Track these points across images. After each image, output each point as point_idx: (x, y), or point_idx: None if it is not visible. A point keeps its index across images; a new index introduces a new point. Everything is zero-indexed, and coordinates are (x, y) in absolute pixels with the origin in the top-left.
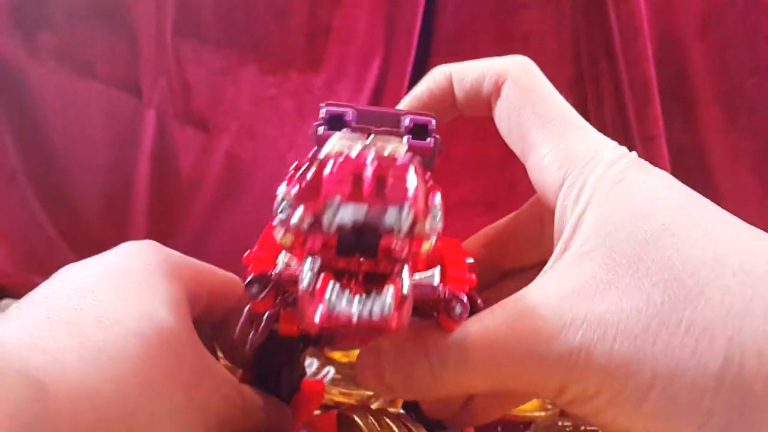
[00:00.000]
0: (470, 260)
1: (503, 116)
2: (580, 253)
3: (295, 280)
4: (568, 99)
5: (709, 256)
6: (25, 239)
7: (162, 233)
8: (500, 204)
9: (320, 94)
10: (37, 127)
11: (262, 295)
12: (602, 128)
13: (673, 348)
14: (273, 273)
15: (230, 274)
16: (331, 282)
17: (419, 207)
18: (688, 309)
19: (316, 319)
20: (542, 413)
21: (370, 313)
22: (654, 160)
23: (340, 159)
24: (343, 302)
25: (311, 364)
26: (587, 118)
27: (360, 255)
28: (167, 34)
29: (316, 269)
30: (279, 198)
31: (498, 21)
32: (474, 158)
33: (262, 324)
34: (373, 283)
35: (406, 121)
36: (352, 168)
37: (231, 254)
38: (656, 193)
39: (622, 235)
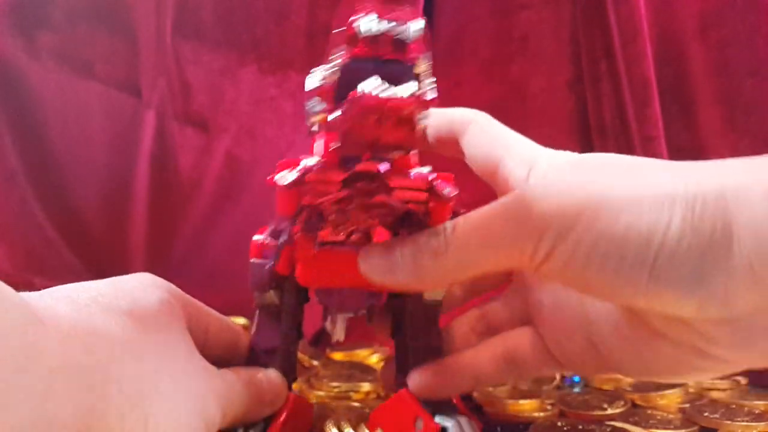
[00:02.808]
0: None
1: (472, 145)
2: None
3: (320, 168)
4: (568, 99)
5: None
6: (24, 239)
7: (161, 233)
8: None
9: None
10: (36, 127)
11: (290, 180)
12: (602, 128)
13: (629, 193)
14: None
15: (223, 316)
16: (367, 80)
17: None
18: (635, 173)
19: (357, 95)
20: (542, 413)
21: (397, 93)
22: None
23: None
24: (375, 89)
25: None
26: (587, 118)
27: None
28: (167, 34)
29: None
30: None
31: (497, 21)
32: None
33: (286, 235)
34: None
35: None
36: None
37: (230, 254)
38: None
39: (578, 165)
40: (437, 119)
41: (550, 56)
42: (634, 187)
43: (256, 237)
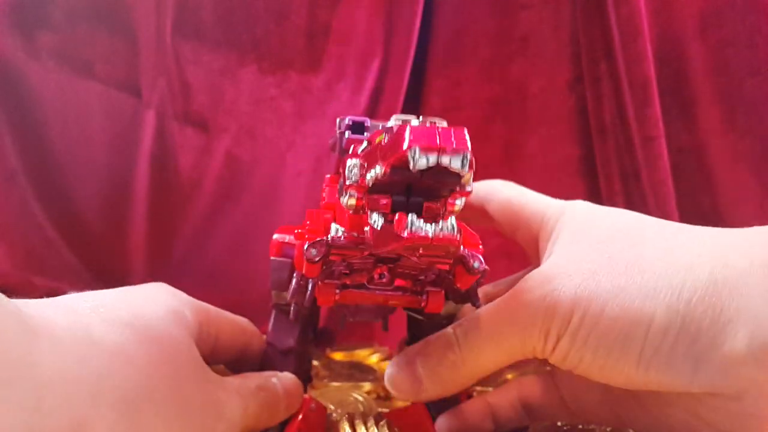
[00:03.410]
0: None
1: (498, 211)
2: (556, 252)
3: (345, 245)
4: (568, 99)
5: (636, 222)
6: (24, 239)
7: (162, 234)
8: None
9: (319, 94)
10: (36, 127)
11: (318, 257)
12: (602, 128)
13: (615, 285)
14: (329, 238)
15: (240, 318)
16: (410, 214)
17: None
18: (628, 256)
19: (404, 234)
20: None
21: (442, 231)
22: (654, 160)
23: (411, 123)
24: (422, 224)
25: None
26: (587, 118)
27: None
28: (167, 34)
29: (380, 219)
30: (350, 164)
31: (497, 21)
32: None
33: (309, 290)
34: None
35: None
36: (423, 127)
37: (231, 254)
38: (604, 212)
39: (582, 237)
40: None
41: (550, 56)
42: (621, 278)
43: (277, 236)
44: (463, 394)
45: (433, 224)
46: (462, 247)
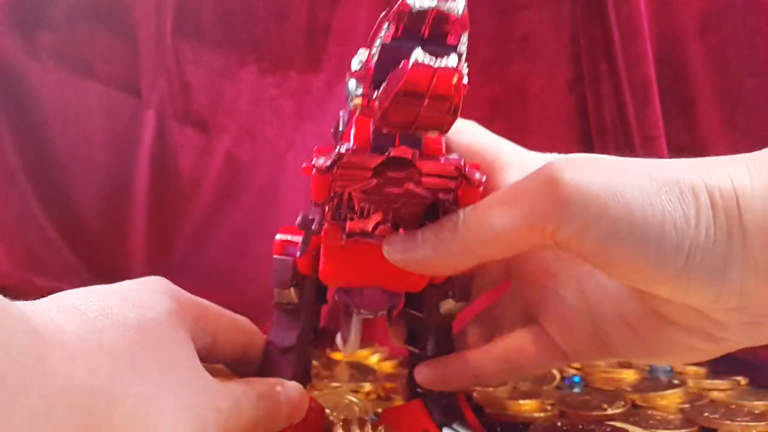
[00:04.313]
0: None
1: (465, 152)
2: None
3: (353, 154)
4: (568, 99)
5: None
6: (24, 239)
7: (161, 233)
8: None
9: (319, 94)
10: (36, 127)
11: (329, 163)
12: (602, 128)
13: (638, 176)
14: (337, 150)
15: (240, 317)
16: (417, 48)
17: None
18: (635, 167)
19: (410, 64)
20: (542, 414)
21: (447, 63)
22: None
23: None
24: (427, 58)
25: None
26: (587, 118)
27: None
28: (167, 34)
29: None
30: (355, 58)
31: (497, 22)
32: None
33: (315, 222)
34: None
35: None
36: None
37: (231, 254)
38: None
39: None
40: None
41: (550, 56)
42: (659, 174)
43: (279, 236)
44: (461, 394)
45: (437, 58)
46: (463, 161)
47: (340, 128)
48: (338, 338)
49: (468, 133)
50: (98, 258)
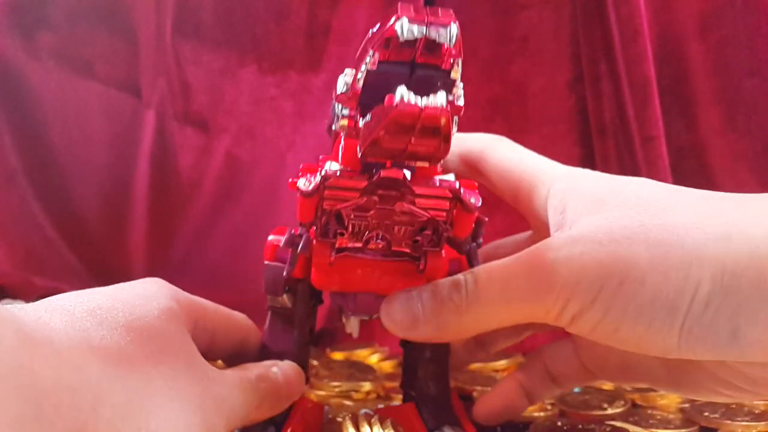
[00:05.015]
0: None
1: (491, 171)
2: (579, 221)
3: (339, 176)
4: (568, 99)
5: (657, 189)
6: (24, 239)
7: (161, 233)
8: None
9: (319, 94)
10: (36, 127)
11: (312, 187)
12: (602, 128)
13: (654, 253)
14: (323, 171)
15: (237, 313)
16: (402, 86)
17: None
18: (662, 224)
19: (395, 102)
20: (542, 413)
21: (434, 102)
22: (654, 160)
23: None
24: (412, 96)
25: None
26: (587, 119)
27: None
28: (167, 34)
29: (369, 115)
30: (340, 80)
31: (497, 22)
32: None
33: (301, 243)
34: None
35: None
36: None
37: (230, 254)
38: (621, 180)
39: (605, 204)
40: (457, 144)
41: (550, 56)
42: (660, 246)
43: (271, 237)
44: (456, 395)
45: (423, 96)
46: (458, 184)
47: (333, 127)
48: (343, 319)
49: (500, 152)
50: (98, 258)
